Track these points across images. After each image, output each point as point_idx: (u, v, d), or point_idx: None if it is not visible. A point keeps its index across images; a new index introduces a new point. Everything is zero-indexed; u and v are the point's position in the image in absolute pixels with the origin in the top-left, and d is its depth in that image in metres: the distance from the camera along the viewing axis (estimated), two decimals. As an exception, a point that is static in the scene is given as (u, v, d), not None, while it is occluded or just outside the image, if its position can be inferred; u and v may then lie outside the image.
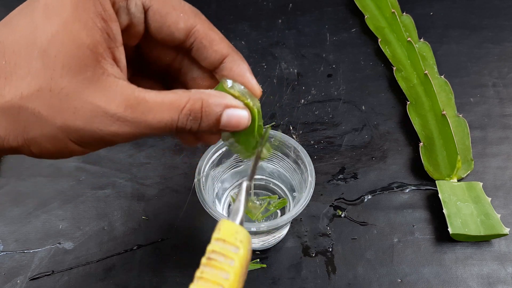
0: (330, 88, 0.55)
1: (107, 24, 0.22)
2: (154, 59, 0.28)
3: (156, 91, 0.23)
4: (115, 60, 0.23)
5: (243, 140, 0.27)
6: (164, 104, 0.23)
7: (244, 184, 0.26)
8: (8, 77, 0.21)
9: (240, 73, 0.25)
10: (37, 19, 0.21)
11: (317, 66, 0.57)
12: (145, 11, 0.24)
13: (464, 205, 0.43)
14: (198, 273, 0.22)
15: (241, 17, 0.62)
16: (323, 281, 0.40)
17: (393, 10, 0.57)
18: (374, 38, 0.59)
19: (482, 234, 0.41)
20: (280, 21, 0.62)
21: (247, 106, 0.25)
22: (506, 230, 0.41)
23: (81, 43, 0.21)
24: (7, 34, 0.22)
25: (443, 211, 0.43)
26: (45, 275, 0.40)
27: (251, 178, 0.27)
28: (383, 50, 0.56)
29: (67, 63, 0.21)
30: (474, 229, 0.41)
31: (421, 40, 0.56)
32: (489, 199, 0.43)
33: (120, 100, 0.22)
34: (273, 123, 0.51)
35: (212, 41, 0.25)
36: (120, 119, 0.22)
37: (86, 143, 0.23)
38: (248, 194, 0.26)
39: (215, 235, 0.23)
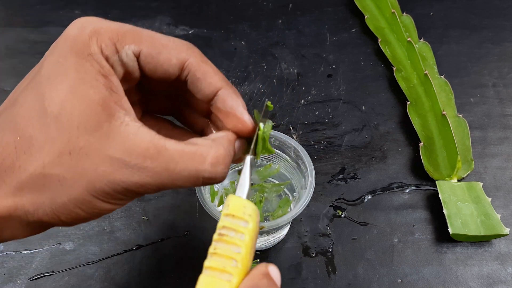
0: (330, 88, 0.55)
1: (108, 80, 0.22)
2: (161, 93, 0.28)
3: (176, 141, 0.23)
4: (124, 110, 0.23)
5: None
6: (185, 153, 0.22)
7: (248, 158, 0.26)
8: (26, 151, 0.21)
9: (233, 107, 0.25)
10: (43, 90, 0.22)
11: (317, 66, 0.57)
12: (137, 57, 0.24)
13: (464, 205, 0.43)
14: (211, 249, 0.22)
15: (241, 17, 0.62)
16: (323, 281, 0.40)
17: (393, 10, 0.57)
18: (374, 38, 0.59)
19: (482, 234, 0.41)
20: (280, 21, 0.62)
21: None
22: (506, 230, 0.41)
23: (91, 101, 0.21)
24: (17, 112, 0.22)
25: (443, 211, 0.43)
26: (45, 275, 0.40)
27: (253, 152, 0.27)
28: (383, 50, 0.56)
29: (82, 123, 0.21)
30: (474, 229, 0.41)
31: (421, 40, 0.56)
32: (489, 199, 0.43)
33: (139, 150, 0.22)
34: (273, 123, 0.51)
35: (206, 73, 0.25)
36: (140, 169, 0.22)
37: (114, 198, 0.22)
38: (252, 168, 0.26)
39: (224, 211, 0.23)
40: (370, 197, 0.45)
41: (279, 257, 0.41)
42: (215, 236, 0.23)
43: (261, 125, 0.27)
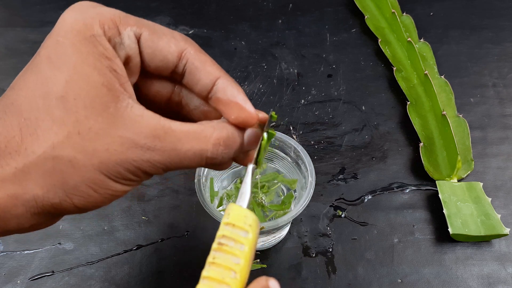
0: (330, 88, 0.55)
1: (112, 62, 0.22)
2: (153, 96, 0.28)
3: (180, 122, 0.23)
4: (128, 93, 0.23)
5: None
6: (190, 134, 0.23)
7: (250, 167, 0.26)
8: (33, 133, 0.21)
9: (234, 95, 0.25)
10: (44, 72, 0.21)
11: (317, 66, 0.57)
12: (138, 40, 0.24)
13: (464, 205, 0.43)
14: (210, 259, 0.22)
15: (241, 17, 0.62)
16: (323, 281, 0.40)
17: (393, 10, 0.57)
18: (374, 38, 0.59)
19: (482, 234, 0.41)
20: (280, 21, 0.62)
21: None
22: (506, 230, 0.41)
23: (96, 83, 0.21)
24: (18, 94, 0.21)
25: (443, 211, 0.43)
26: (45, 275, 0.40)
27: (256, 161, 0.27)
28: (383, 50, 0.56)
29: (89, 103, 0.21)
30: (474, 230, 0.41)
31: (421, 40, 0.56)
32: (489, 199, 0.43)
33: (147, 131, 0.22)
34: (273, 123, 0.51)
35: (204, 62, 0.25)
36: (150, 148, 0.22)
37: (125, 178, 0.22)
38: (253, 177, 0.26)
39: (224, 219, 0.23)
40: (370, 197, 0.45)
41: (279, 257, 0.41)
42: (214, 245, 0.22)
43: (265, 134, 0.26)
